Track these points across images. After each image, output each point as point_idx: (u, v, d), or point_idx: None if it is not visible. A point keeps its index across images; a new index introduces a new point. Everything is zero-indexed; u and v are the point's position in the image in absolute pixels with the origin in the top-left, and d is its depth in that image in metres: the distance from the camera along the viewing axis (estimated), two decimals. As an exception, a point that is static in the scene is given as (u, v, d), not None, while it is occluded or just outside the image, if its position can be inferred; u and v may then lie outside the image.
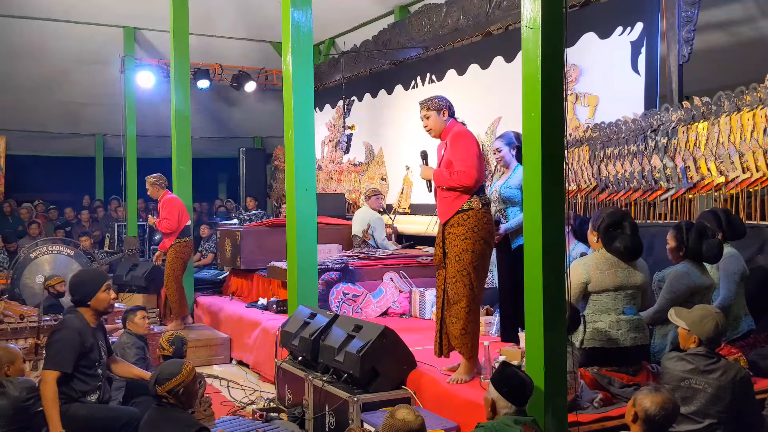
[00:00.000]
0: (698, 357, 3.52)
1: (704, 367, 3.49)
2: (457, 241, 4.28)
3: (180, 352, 4.77)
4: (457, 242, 4.27)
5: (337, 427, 4.44)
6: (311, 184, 5.68)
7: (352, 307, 6.82)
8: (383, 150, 10.37)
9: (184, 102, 8.31)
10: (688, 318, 3.59)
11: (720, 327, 3.54)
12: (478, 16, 8.10)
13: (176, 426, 3.49)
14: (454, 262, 4.29)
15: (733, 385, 3.43)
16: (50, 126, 12.79)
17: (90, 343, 4.07)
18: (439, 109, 4.40)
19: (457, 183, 4.25)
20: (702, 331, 3.51)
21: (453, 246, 4.30)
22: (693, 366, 3.50)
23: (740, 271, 4.62)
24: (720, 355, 3.59)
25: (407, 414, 3.08)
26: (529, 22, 3.33)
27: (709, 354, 3.51)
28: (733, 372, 3.47)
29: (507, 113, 7.71)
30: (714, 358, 3.51)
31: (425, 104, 4.45)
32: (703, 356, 3.51)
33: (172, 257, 7.55)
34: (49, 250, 9.06)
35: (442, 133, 4.44)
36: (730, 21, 7.15)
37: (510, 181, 5.07)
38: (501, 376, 3.23)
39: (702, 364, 3.50)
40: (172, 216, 7.50)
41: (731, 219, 4.76)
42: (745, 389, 3.49)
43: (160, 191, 7.66)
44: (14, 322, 6.72)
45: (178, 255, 7.56)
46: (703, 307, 3.68)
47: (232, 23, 11.47)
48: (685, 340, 3.60)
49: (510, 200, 5.04)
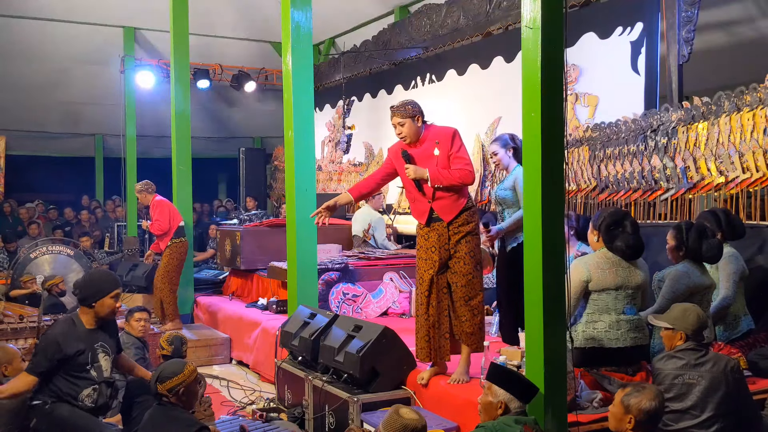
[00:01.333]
0: (687, 352, 3.57)
1: (695, 361, 3.54)
2: (468, 238, 4.33)
3: (179, 352, 4.78)
4: (468, 239, 4.33)
5: (336, 427, 4.44)
6: (311, 184, 5.68)
7: (351, 307, 6.82)
8: (383, 150, 10.37)
9: (184, 102, 8.31)
10: (669, 317, 3.67)
11: (701, 318, 3.61)
12: (478, 16, 8.10)
13: (176, 425, 3.49)
14: (468, 259, 4.32)
15: (726, 374, 3.49)
16: (50, 126, 12.79)
17: (77, 349, 3.94)
18: (414, 116, 4.36)
19: (461, 180, 4.28)
20: (686, 325, 3.58)
21: (464, 243, 4.32)
22: (684, 361, 3.55)
23: (739, 270, 4.62)
24: (707, 348, 3.66)
25: (408, 413, 3.09)
26: (529, 22, 3.33)
27: (697, 348, 3.57)
28: (723, 362, 3.54)
29: (507, 113, 7.71)
30: (702, 351, 3.57)
31: (400, 111, 4.36)
32: (692, 350, 3.57)
33: (167, 258, 7.56)
34: (48, 250, 9.06)
35: (419, 139, 4.40)
36: (730, 21, 7.15)
37: (505, 183, 4.97)
38: (507, 376, 3.24)
39: (692, 358, 3.55)
40: (163, 217, 7.51)
41: (731, 219, 4.76)
42: (737, 377, 3.55)
43: (149, 197, 7.69)
44: (14, 322, 6.72)
45: (173, 256, 7.57)
46: (680, 304, 3.76)
47: (232, 23, 11.47)
48: (670, 340, 3.65)
49: (504, 202, 4.92)
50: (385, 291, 7.02)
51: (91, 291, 4.07)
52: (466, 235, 4.32)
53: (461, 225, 4.33)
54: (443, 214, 4.35)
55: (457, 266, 4.33)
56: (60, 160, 13.55)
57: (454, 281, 4.34)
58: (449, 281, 4.37)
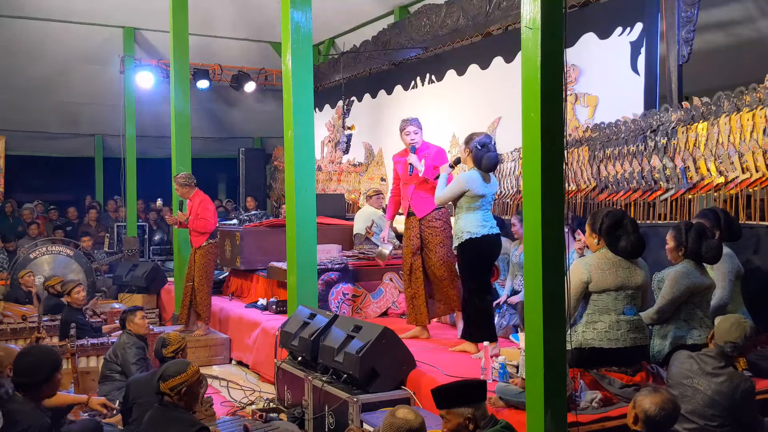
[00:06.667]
0: (708, 358, 3.56)
1: (711, 370, 3.52)
2: (436, 231, 5.67)
3: (159, 353, 4.58)
4: (436, 233, 5.67)
5: (336, 427, 4.45)
6: (311, 184, 5.68)
7: (351, 307, 6.82)
8: (383, 150, 10.38)
9: (184, 102, 8.30)
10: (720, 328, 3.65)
11: (748, 333, 3.58)
12: (477, 17, 8.10)
13: (177, 425, 3.49)
14: (438, 248, 5.65)
15: (733, 393, 3.46)
16: (50, 126, 12.78)
17: None
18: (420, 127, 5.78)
19: None
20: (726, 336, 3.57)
21: (434, 236, 5.66)
22: (698, 366, 3.54)
23: (735, 269, 4.62)
24: (731, 363, 3.60)
25: (408, 413, 3.08)
26: (528, 23, 3.33)
27: (720, 357, 3.54)
28: (736, 382, 3.49)
29: (507, 113, 7.71)
30: (723, 363, 3.54)
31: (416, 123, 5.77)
32: (713, 358, 3.54)
33: (203, 259, 7.22)
34: (48, 251, 9.07)
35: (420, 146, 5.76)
36: (730, 21, 7.15)
37: None
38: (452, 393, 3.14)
39: (709, 366, 3.53)
40: (210, 215, 7.19)
41: (730, 220, 4.77)
42: (746, 402, 3.51)
43: (191, 191, 7.30)
44: (14, 322, 6.73)
45: (209, 257, 7.25)
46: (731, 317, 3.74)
47: (232, 23, 11.47)
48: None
49: None
50: (384, 291, 7.02)
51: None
52: (435, 229, 5.67)
53: (432, 221, 5.68)
54: (417, 211, 5.72)
55: (430, 253, 5.65)
56: (60, 161, 13.54)
57: (432, 265, 5.66)
58: (425, 264, 5.70)
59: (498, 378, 4.27)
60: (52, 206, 12.38)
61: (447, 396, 3.13)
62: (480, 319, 5.13)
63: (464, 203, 5.17)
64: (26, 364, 3.62)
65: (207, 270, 7.24)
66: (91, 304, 7.80)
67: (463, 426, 3.08)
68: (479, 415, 3.09)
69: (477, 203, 5.12)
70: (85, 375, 5.87)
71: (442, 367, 4.66)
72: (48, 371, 3.64)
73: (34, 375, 3.59)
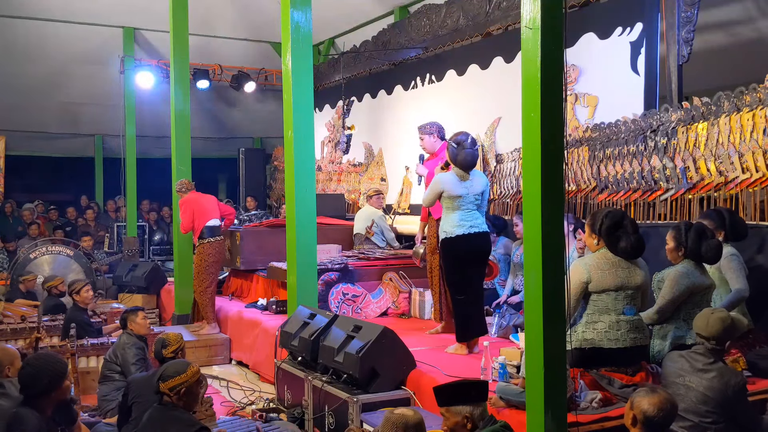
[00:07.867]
0: (697, 355, 3.56)
1: (701, 366, 3.53)
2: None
3: (159, 354, 4.57)
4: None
5: (336, 427, 4.45)
6: (311, 184, 5.68)
7: (351, 307, 6.82)
8: (383, 150, 10.37)
9: (184, 102, 8.31)
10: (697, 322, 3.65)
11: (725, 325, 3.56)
12: (477, 17, 8.10)
13: (177, 425, 3.49)
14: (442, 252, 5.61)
15: (725, 389, 3.46)
16: (50, 126, 12.77)
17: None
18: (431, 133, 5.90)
19: None
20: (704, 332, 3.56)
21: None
22: (689, 364, 3.55)
23: (744, 267, 4.63)
24: (720, 357, 3.61)
25: (406, 410, 3.09)
26: (528, 23, 3.33)
27: (708, 353, 3.54)
28: (726, 377, 3.50)
29: (507, 113, 7.71)
30: (712, 359, 3.54)
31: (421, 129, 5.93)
32: (702, 355, 3.55)
33: (197, 259, 7.32)
34: (48, 251, 9.07)
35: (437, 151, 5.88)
36: (730, 21, 7.15)
37: None
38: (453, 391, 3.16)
39: (699, 363, 3.54)
40: (185, 217, 7.26)
41: (735, 220, 4.76)
42: (738, 397, 3.51)
43: (184, 195, 7.42)
44: (14, 322, 6.72)
45: (200, 256, 7.27)
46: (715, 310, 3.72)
47: (232, 23, 11.47)
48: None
49: None
50: (384, 291, 7.02)
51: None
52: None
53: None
54: (435, 212, 5.72)
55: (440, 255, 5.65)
56: (59, 161, 13.54)
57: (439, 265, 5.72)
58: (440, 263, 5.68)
59: (498, 378, 4.27)
60: (52, 206, 12.37)
61: (447, 394, 3.16)
62: (461, 320, 5.24)
63: (444, 204, 5.29)
64: (26, 374, 3.51)
65: (201, 269, 7.29)
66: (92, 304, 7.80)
67: (461, 425, 3.10)
68: (477, 414, 3.11)
69: (455, 203, 5.19)
70: (85, 375, 5.88)
71: (442, 367, 4.66)
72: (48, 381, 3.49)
73: (35, 385, 3.47)
